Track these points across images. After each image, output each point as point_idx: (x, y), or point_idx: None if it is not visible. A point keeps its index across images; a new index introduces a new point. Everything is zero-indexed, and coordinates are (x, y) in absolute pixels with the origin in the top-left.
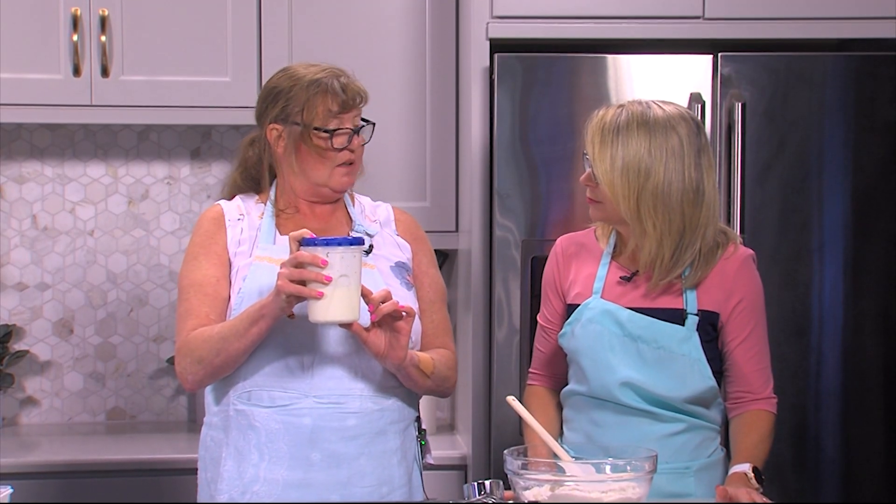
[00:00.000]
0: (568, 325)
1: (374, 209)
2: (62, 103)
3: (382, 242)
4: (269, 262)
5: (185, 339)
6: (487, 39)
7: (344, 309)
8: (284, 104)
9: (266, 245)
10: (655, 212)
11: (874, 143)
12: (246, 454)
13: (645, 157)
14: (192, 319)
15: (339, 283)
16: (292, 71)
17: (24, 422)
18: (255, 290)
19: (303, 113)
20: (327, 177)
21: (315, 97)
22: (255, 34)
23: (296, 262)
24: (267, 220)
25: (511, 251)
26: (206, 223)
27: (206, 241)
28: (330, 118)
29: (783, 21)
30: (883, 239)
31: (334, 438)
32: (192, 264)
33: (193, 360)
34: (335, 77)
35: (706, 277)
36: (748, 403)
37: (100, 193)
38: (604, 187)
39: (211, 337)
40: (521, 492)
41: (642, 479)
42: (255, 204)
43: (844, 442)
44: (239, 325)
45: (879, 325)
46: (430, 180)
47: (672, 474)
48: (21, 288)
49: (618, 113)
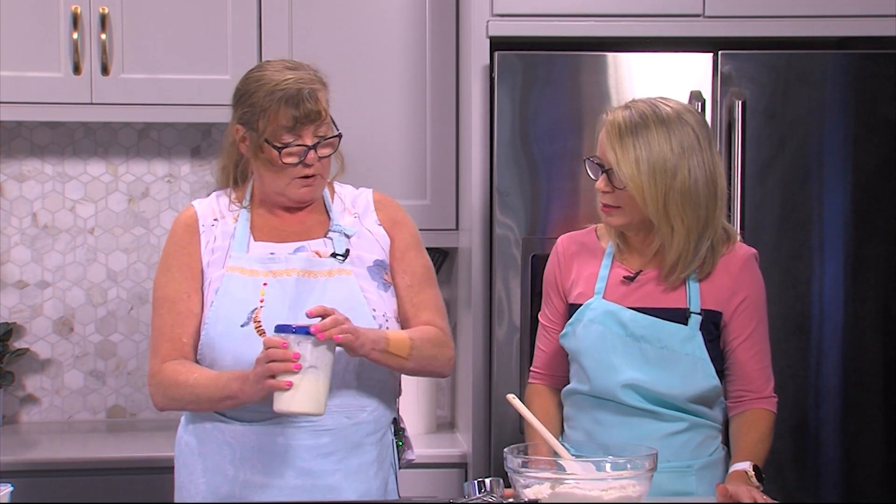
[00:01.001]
0: (570, 325)
1: (354, 200)
2: (62, 101)
3: (360, 241)
4: (242, 273)
5: (160, 370)
6: (488, 37)
7: (309, 401)
8: (246, 109)
9: (239, 254)
10: (684, 209)
11: (874, 141)
12: (221, 468)
13: (669, 154)
14: (167, 343)
15: (307, 373)
16: (260, 73)
17: (24, 420)
18: (228, 305)
19: (258, 122)
20: (283, 187)
21: (270, 110)
22: (255, 31)
23: (268, 358)
24: (241, 224)
25: (511, 249)
26: (180, 230)
27: (179, 252)
28: (283, 132)
29: (783, 19)
30: (883, 237)
31: (309, 457)
32: (165, 276)
33: (166, 396)
34: (297, 89)
35: (712, 272)
36: (749, 402)
37: (100, 191)
38: (631, 191)
39: (185, 385)
40: (522, 490)
41: (642, 477)
42: (229, 204)
43: (844, 440)
44: (214, 391)
45: (879, 324)
46: (430, 178)
47: (673, 473)
48: (21, 286)
49: (629, 114)
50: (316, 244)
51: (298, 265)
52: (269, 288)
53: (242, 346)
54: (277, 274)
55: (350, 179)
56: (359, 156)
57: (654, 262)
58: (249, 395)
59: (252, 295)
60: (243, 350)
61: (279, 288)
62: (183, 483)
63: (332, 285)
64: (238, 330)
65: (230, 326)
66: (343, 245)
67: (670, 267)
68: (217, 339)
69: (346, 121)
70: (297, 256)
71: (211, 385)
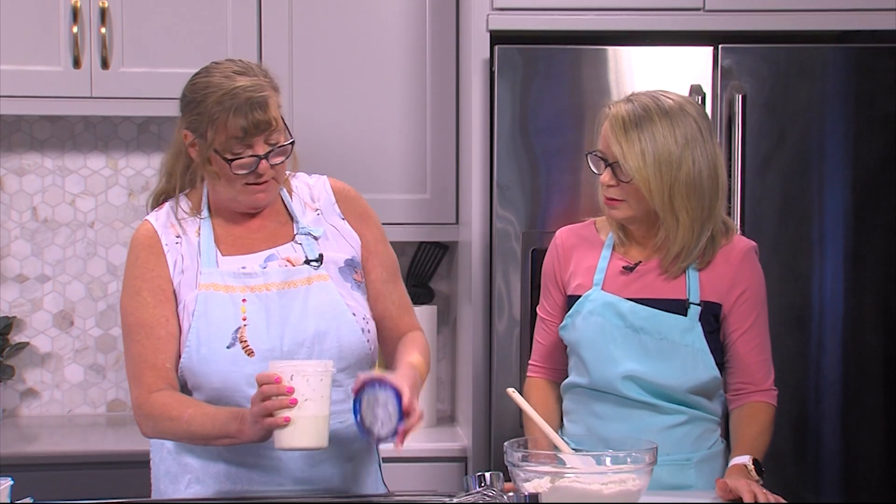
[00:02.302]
0: (569, 317)
1: (311, 191)
2: (62, 95)
3: (327, 242)
4: (216, 290)
5: (147, 401)
6: (488, 31)
7: (310, 435)
8: (194, 116)
9: (209, 270)
10: (689, 200)
11: (875, 134)
12: (215, 479)
13: (673, 146)
14: (150, 371)
15: (304, 407)
16: (207, 80)
17: (24, 413)
18: (208, 327)
19: (206, 132)
20: (235, 194)
21: (219, 120)
22: (255, 24)
23: (262, 396)
24: (205, 237)
25: (511, 243)
26: (143, 252)
27: (147, 275)
28: (233, 143)
29: (784, 13)
30: (883, 230)
31: (305, 466)
32: (135, 300)
33: (156, 428)
34: (246, 98)
35: (712, 261)
36: (749, 395)
37: (100, 185)
38: (637, 183)
39: (177, 419)
40: (522, 484)
41: (642, 470)
42: (189, 217)
43: (844, 433)
44: (209, 429)
45: (879, 317)
46: (430, 172)
47: (672, 466)
48: (21, 280)
49: (632, 107)
50: (285, 250)
51: (277, 278)
52: (250, 304)
53: (230, 368)
54: (256, 289)
55: (349, 175)
56: (359, 150)
57: (654, 253)
58: (249, 435)
59: (232, 314)
60: (231, 371)
61: (260, 304)
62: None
63: (313, 293)
64: (224, 352)
65: (215, 349)
66: (314, 249)
67: (673, 257)
68: (201, 364)
69: (345, 115)
70: (272, 268)
71: (208, 423)
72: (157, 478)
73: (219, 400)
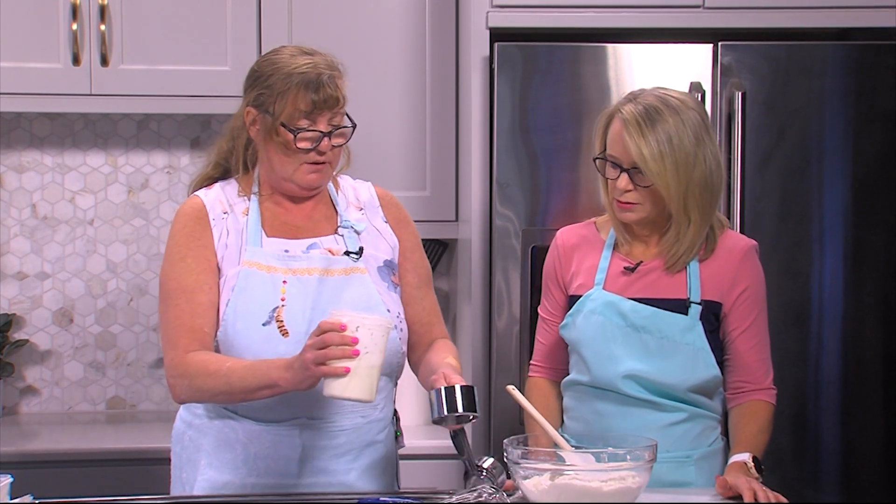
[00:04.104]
0: (570, 316)
1: (356, 192)
2: (62, 92)
3: (369, 238)
4: (259, 270)
5: (183, 361)
6: (487, 28)
7: (363, 387)
8: (261, 91)
9: (253, 248)
10: (701, 199)
11: (874, 132)
12: (232, 466)
13: (689, 146)
14: (187, 334)
15: (362, 359)
16: (278, 56)
17: (24, 411)
18: (247, 303)
19: (274, 105)
20: (292, 172)
21: (288, 92)
22: (254, 23)
23: (323, 343)
24: (252, 217)
25: (511, 241)
26: (190, 222)
27: (193, 243)
28: (300, 117)
29: (783, 10)
30: (883, 228)
31: (324, 457)
32: (179, 266)
33: (191, 386)
34: (319, 74)
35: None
36: (748, 394)
37: (99, 183)
38: (658, 187)
39: (215, 373)
40: (521, 481)
41: (642, 468)
42: (237, 196)
43: (844, 431)
44: (250, 380)
45: (879, 315)
46: (430, 169)
47: (672, 463)
48: (21, 277)
49: (642, 109)
50: (327, 241)
51: (319, 264)
52: (290, 286)
53: (264, 346)
54: (298, 272)
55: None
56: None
57: (657, 252)
58: (294, 382)
59: (272, 293)
60: (264, 350)
61: (300, 287)
62: (185, 479)
63: (351, 284)
64: (259, 329)
65: (251, 325)
66: (355, 242)
67: (680, 255)
68: (236, 337)
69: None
70: (314, 254)
71: (248, 374)
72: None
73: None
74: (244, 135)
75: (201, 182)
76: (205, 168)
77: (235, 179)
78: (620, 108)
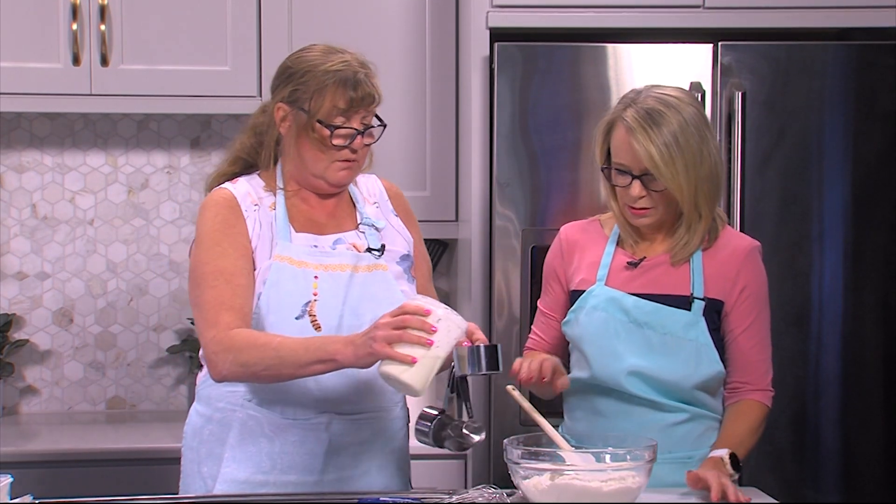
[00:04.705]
0: (572, 312)
1: (368, 186)
2: (62, 92)
3: (387, 234)
4: (290, 264)
5: (228, 336)
6: (487, 28)
7: (420, 378)
8: (294, 87)
9: (284, 243)
10: (710, 195)
11: (874, 132)
12: (256, 461)
13: (695, 145)
14: (229, 312)
15: (430, 351)
16: (312, 54)
17: (24, 411)
18: (279, 296)
19: (310, 102)
20: (324, 169)
21: (325, 89)
22: (254, 23)
23: (403, 323)
24: (280, 212)
25: (511, 240)
26: (222, 209)
27: (227, 229)
28: (336, 114)
29: (783, 10)
30: (883, 228)
31: (348, 453)
32: (215, 250)
33: (236, 361)
34: (353, 72)
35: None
36: (745, 393)
37: (99, 183)
38: (672, 191)
39: (264, 346)
40: (521, 481)
41: (642, 468)
42: (263, 191)
43: (844, 431)
44: (302, 354)
45: (879, 314)
46: (430, 169)
47: (674, 464)
48: (21, 277)
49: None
50: (351, 236)
51: (349, 260)
52: (322, 282)
53: None
54: (330, 268)
55: None
56: None
57: (663, 248)
58: (353, 358)
59: (304, 287)
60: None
61: (332, 282)
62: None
63: (374, 281)
64: (292, 322)
65: (284, 318)
66: (376, 239)
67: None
68: (268, 330)
69: None
70: (341, 250)
71: (300, 348)
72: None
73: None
74: (273, 131)
75: (219, 178)
76: (223, 164)
77: (258, 175)
78: (621, 114)
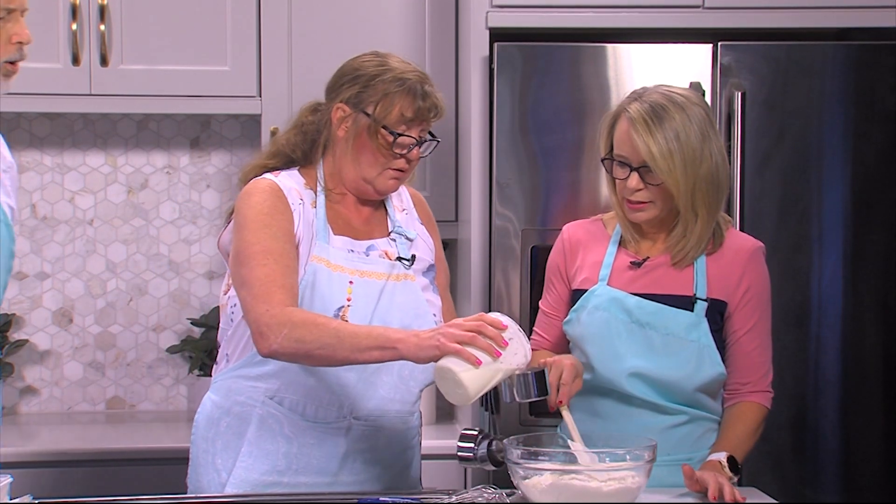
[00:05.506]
0: (573, 311)
1: (398, 196)
2: (61, 92)
3: (417, 244)
4: (327, 267)
5: (284, 311)
6: (487, 28)
7: (475, 384)
8: (362, 90)
9: (322, 244)
10: (708, 196)
11: (874, 132)
12: (273, 458)
13: (696, 143)
14: (281, 290)
15: (492, 363)
16: (383, 60)
17: (23, 411)
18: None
19: (377, 106)
20: (376, 175)
21: (395, 95)
22: (254, 23)
23: (478, 328)
24: (320, 213)
25: (511, 241)
26: (269, 196)
27: (275, 213)
28: (401, 122)
29: (783, 10)
30: (883, 228)
31: (363, 459)
32: (263, 232)
33: (291, 336)
34: (421, 83)
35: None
36: (744, 395)
37: (99, 183)
38: (668, 185)
39: (323, 325)
40: (521, 481)
41: (642, 468)
42: (304, 188)
43: (843, 431)
44: (363, 338)
45: (879, 315)
46: (429, 169)
47: (673, 466)
48: (20, 277)
49: (648, 107)
50: (382, 243)
51: (383, 268)
52: (356, 287)
53: None
54: (365, 274)
55: None
56: None
57: (662, 249)
58: (416, 350)
59: (339, 291)
60: None
61: (366, 288)
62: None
63: (403, 290)
64: None
65: None
66: (407, 249)
67: (689, 251)
68: None
69: None
70: (373, 257)
71: (361, 332)
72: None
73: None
74: (326, 131)
75: (257, 169)
76: (261, 157)
77: (298, 171)
78: (626, 108)
